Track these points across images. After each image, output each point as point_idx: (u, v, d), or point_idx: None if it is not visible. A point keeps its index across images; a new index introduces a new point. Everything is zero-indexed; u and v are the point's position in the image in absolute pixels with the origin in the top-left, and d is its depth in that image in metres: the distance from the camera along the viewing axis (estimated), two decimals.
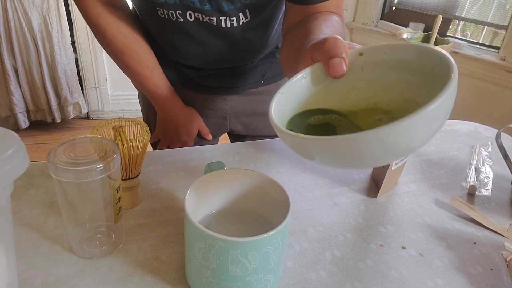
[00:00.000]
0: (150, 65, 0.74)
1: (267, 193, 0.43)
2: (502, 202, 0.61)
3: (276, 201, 0.42)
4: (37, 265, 0.43)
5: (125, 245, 0.47)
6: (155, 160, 0.63)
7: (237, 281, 0.37)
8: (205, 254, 0.36)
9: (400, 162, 0.58)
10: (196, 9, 0.62)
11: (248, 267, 0.36)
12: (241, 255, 0.35)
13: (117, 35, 0.69)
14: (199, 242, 0.36)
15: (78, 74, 2.45)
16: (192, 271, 0.39)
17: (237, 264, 0.36)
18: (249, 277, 0.37)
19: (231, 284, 0.37)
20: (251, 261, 0.36)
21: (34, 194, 0.54)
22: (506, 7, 2.27)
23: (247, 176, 0.44)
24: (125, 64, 0.72)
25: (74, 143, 0.42)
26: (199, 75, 0.78)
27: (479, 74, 2.29)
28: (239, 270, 0.36)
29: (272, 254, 0.37)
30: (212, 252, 0.35)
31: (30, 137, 2.38)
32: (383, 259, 0.48)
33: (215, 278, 0.37)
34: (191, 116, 0.81)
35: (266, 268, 0.37)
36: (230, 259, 0.35)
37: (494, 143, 0.74)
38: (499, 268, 0.48)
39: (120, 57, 0.71)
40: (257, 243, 0.35)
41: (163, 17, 0.64)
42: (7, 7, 2.06)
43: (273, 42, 0.76)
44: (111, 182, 0.42)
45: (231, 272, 0.36)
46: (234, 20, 0.64)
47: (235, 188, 0.45)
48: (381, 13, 2.84)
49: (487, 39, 2.43)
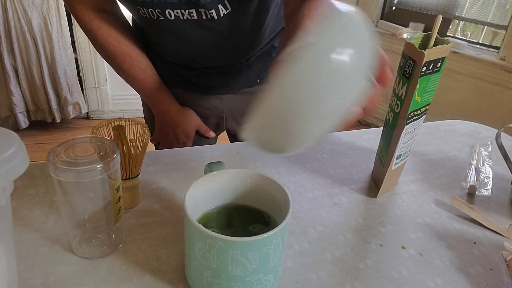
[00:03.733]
0: (144, 67, 0.74)
1: (268, 192, 0.43)
2: (502, 202, 0.61)
3: (276, 201, 0.42)
4: (37, 265, 0.43)
5: (125, 245, 0.47)
6: (155, 160, 0.63)
7: (237, 281, 0.37)
8: (205, 254, 0.36)
9: (400, 162, 0.58)
10: (172, 5, 0.61)
11: (248, 267, 0.36)
12: (241, 255, 0.35)
13: (109, 39, 0.69)
14: (199, 242, 0.36)
15: (78, 74, 2.45)
16: (192, 271, 0.39)
17: (237, 264, 0.36)
18: (249, 277, 0.37)
19: (231, 284, 0.37)
20: (251, 261, 0.36)
21: (34, 194, 0.54)
22: (506, 7, 2.27)
23: (247, 176, 0.44)
24: (119, 67, 0.73)
25: (74, 143, 0.42)
26: (193, 74, 0.78)
27: (479, 74, 2.29)
28: (239, 270, 0.36)
29: (272, 254, 0.37)
30: (212, 252, 0.35)
31: (30, 137, 2.38)
32: (383, 259, 0.48)
33: (215, 278, 0.37)
34: (188, 116, 0.80)
35: (266, 268, 0.37)
36: (230, 259, 0.35)
37: (494, 143, 0.74)
38: (499, 268, 0.48)
39: (114, 60, 0.72)
40: (257, 243, 0.35)
41: (145, 16, 0.65)
42: (7, 7, 2.06)
43: (266, 36, 0.74)
44: (111, 182, 0.42)
45: (231, 272, 0.36)
46: (214, 13, 0.63)
47: (235, 188, 0.45)
48: (381, 13, 2.84)
49: (487, 39, 2.43)
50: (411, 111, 0.51)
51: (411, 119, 0.52)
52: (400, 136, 0.53)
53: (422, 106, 0.53)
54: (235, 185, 0.45)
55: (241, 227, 0.44)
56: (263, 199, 0.44)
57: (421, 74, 0.48)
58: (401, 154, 0.56)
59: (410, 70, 0.49)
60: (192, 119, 0.81)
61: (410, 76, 0.49)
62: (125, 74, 0.74)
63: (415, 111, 0.52)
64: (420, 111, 0.53)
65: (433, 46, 0.50)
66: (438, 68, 0.50)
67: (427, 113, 0.56)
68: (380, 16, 2.83)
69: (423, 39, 0.52)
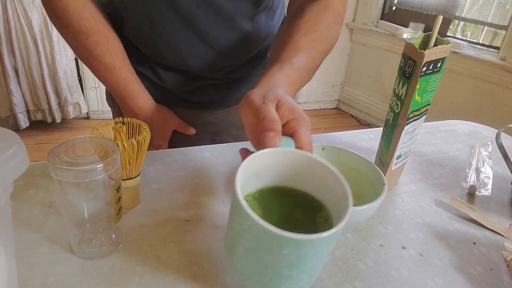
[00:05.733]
0: (121, 54, 0.62)
1: (325, 182, 0.40)
2: (502, 202, 0.61)
3: (333, 192, 0.39)
4: (37, 266, 0.43)
5: (125, 245, 0.47)
6: (155, 160, 0.63)
7: (267, 268, 0.35)
8: (244, 232, 0.35)
9: (400, 162, 0.58)
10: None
11: (281, 261, 0.34)
12: (277, 247, 0.33)
13: (83, 12, 0.56)
14: (238, 218, 0.34)
15: (78, 74, 2.45)
16: (242, 257, 0.37)
17: (270, 254, 0.33)
18: (279, 270, 0.35)
19: (261, 269, 0.35)
20: (284, 256, 0.33)
21: (34, 194, 0.54)
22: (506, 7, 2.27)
23: (305, 159, 0.41)
24: (89, 50, 0.59)
25: (74, 143, 0.42)
26: (187, 90, 0.70)
27: (479, 74, 2.29)
28: (270, 259, 0.34)
29: (312, 256, 0.34)
30: (250, 233, 0.34)
31: (30, 137, 2.39)
32: (383, 259, 0.48)
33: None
34: (165, 116, 0.72)
35: (302, 267, 0.35)
36: (266, 248, 0.33)
37: (494, 143, 0.74)
38: (499, 268, 0.48)
39: (83, 41, 0.58)
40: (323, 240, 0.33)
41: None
42: (7, 7, 2.06)
43: (262, 37, 0.71)
44: (111, 182, 0.42)
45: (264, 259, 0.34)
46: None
47: (290, 169, 0.42)
48: (381, 13, 2.84)
49: (487, 39, 2.43)
50: (411, 111, 0.51)
51: (411, 119, 0.52)
52: (400, 136, 0.53)
53: (422, 106, 0.53)
54: (290, 166, 0.42)
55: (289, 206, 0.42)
56: (319, 186, 0.41)
57: (421, 74, 0.48)
58: (401, 154, 0.56)
59: (410, 70, 0.49)
60: (169, 119, 0.73)
61: (410, 76, 0.49)
62: (97, 60, 0.60)
63: (415, 111, 0.52)
64: (420, 111, 0.53)
65: (433, 46, 0.50)
66: (438, 68, 0.50)
67: (427, 113, 0.56)
68: (380, 16, 2.83)
69: (423, 39, 0.52)
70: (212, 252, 0.46)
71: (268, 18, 0.70)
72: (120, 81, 0.63)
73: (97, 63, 0.61)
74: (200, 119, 0.76)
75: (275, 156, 0.41)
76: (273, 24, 0.72)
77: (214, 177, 0.60)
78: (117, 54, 0.62)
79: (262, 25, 0.69)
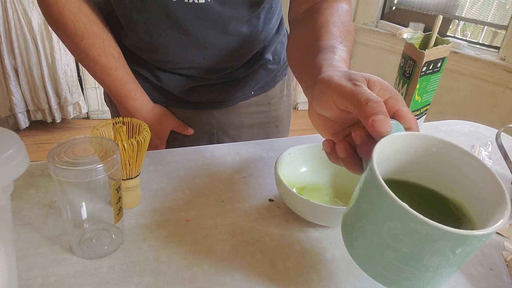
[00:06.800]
0: (116, 55, 0.63)
1: (470, 179, 0.35)
2: None
3: (478, 190, 0.34)
4: (37, 265, 0.43)
5: (125, 245, 0.47)
6: (155, 160, 0.63)
7: (427, 271, 0.31)
8: (399, 236, 0.30)
9: None
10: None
11: (449, 260, 0.30)
12: (451, 248, 0.29)
13: (78, 15, 0.57)
14: (393, 222, 0.30)
15: (78, 74, 2.45)
16: (364, 245, 0.34)
17: (439, 255, 0.29)
18: (442, 269, 0.31)
19: (420, 273, 0.31)
20: (456, 255, 0.30)
21: (34, 194, 0.54)
22: (506, 7, 2.27)
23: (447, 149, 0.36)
24: (85, 51, 0.60)
25: (74, 143, 0.42)
26: (184, 90, 0.70)
27: (479, 74, 2.29)
28: (438, 261, 0.30)
29: (470, 251, 0.31)
30: (410, 236, 0.29)
31: (30, 137, 2.39)
32: None
33: (401, 262, 0.31)
34: (162, 116, 0.73)
35: (459, 264, 0.32)
36: (435, 250, 0.29)
37: (494, 143, 0.74)
38: (499, 268, 0.48)
39: (79, 42, 0.59)
40: (475, 238, 0.29)
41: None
42: (7, 7, 2.06)
43: (261, 39, 0.70)
44: (111, 182, 0.42)
45: (426, 262, 0.30)
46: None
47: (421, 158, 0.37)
48: (381, 13, 2.84)
49: (487, 39, 2.43)
50: (411, 111, 0.51)
51: None
52: None
53: (422, 106, 0.53)
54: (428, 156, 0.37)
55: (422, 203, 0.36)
56: (461, 182, 0.36)
57: (421, 74, 0.48)
58: None
59: (410, 70, 0.49)
60: (166, 119, 0.74)
61: (410, 76, 0.49)
62: (93, 61, 0.61)
63: (415, 111, 0.52)
64: (420, 111, 0.53)
65: (433, 46, 0.50)
66: (438, 68, 0.50)
67: (427, 113, 0.56)
68: (380, 16, 2.83)
69: (423, 39, 0.52)
70: (213, 252, 0.46)
71: (267, 21, 0.70)
72: (116, 81, 0.64)
73: (93, 64, 0.62)
74: (198, 119, 0.76)
75: (409, 140, 0.36)
76: (271, 27, 0.72)
77: (214, 177, 0.60)
78: (112, 55, 0.62)
79: (260, 28, 0.69)
